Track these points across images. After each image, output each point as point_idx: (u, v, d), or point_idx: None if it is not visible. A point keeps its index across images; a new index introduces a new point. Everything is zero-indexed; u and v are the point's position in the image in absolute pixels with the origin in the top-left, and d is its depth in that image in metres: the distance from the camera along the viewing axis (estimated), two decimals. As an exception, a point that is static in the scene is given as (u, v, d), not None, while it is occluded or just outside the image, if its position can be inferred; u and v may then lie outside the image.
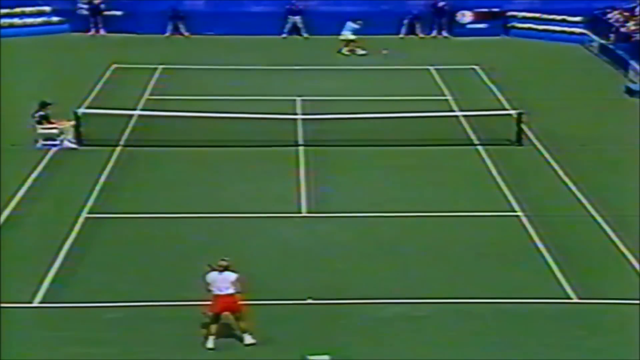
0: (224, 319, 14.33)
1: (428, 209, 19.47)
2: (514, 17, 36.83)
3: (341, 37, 33.11)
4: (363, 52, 32.87)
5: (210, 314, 14.19)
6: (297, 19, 36.17)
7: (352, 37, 33.00)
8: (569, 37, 35.10)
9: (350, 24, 33.12)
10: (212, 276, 14.20)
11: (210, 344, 14.17)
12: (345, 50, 32.99)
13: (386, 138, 23.33)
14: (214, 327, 14.20)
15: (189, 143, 23.00)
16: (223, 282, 14.08)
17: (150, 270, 16.60)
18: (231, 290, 14.09)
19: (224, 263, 14.22)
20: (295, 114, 25.42)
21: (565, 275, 16.58)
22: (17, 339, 14.40)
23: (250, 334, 14.28)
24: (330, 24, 33.80)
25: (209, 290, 14.19)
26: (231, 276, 14.16)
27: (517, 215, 19.19)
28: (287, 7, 36.29)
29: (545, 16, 36.21)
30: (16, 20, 35.64)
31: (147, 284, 16.11)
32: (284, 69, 30.76)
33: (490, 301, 15.69)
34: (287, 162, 22.10)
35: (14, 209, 19.20)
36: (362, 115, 24.26)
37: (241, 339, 14.31)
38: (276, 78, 29.57)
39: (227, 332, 14.42)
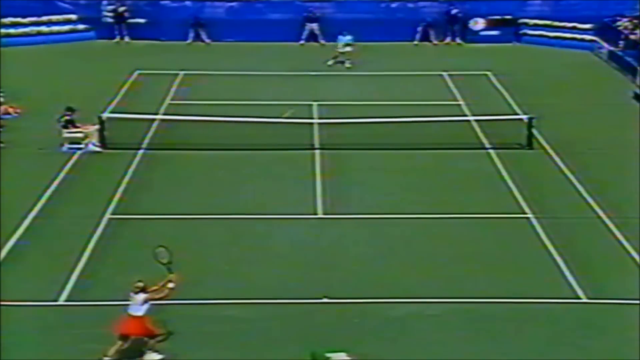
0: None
1: (441, 210, 19.43)
2: (526, 24, 36.72)
3: (343, 49, 32.04)
4: (350, 64, 31.84)
5: (119, 334, 13.72)
6: (315, 26, 36.19)
7: (348, 49, 32.09)
8: (579, 44, 34.95)
9: (343, 37, 32.13)
10: (131, 296, 13.79)
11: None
12: (331, 62, 32.02)
13: (400, 142, 23.30)
14: (113, 349, 13.62)
15: (209, 146, 23.05)
16: (135, 304, 13.72)
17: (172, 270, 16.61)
18: (140, 313, 13.69)
19: (140, 285, 13.82)
20: (312, 118, 25.43)
21: (574, 275, 16.50)
22: (41, 337, 14.47)
23: (156, 351, 13.74)
24: (346, 31, 33.73)
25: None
26: (140, 297, 13.69)
27: (527, 217, 19.12)
28: (305, 14, 36.34)
29: (556, 23, 36.08)
30: (43, 28, 35.85)
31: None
32: (301, 74, 30.78)
33: (500, 301, 15.64)
34: (303, 165, 22.11)
35: (41, 210, 19.30)
36: (376, 119, 24.24)
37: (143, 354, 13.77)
38: (293, 83, 29.59)
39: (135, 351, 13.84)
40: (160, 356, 13.88)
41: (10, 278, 16.22)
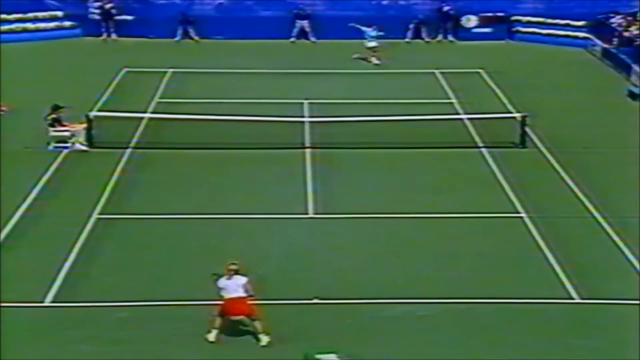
0: (237, 320, 14.41)
1: (433, 210, 19.47)
2: (519, 21, 36.84)
3: (368, 45, 32.03)
4: (377, 61, 32.00)
5: (220, 315, 14.26)
6: (305, 23, 36.22)
7: (374, 44, 32.11)
8: (573, 42, 35.09)
9: (369, 31, 32.17)
10: (222, 282, 14.29)
11: (212, 337, 14.22)
12: (374, 59, 31.92)
13: (392, 141, 23.35)
14: (219, 322, 14.27)
15: (199, 145, 23.04)
16: (233, 286, 14.18)
17: (160, 270, 16.64)
18: (242, 294, 14.19)
19: (233, 267, 14.29)
20: (303, 116, 25.45)
21: (568, 275, 16.56)
22: (28, 339, 14.45)
23: (267, 334, 14.29)
24: (337, 29, 33.87)
25: (221, 296, 14.26)
26: (241, 279, 14.25)
27: (521, 217, 19.18)
28: (295, 11, 36.37)
29: (549, 21, 36.22)
30: (29, 25, 35.77)
31: (158, 284, 16.15)
32: (291, 72, 30.80)
33: (493, 301, 15.69)
34: (294, 164, 22.13)
35: (27, 210, 19.26)
36: (368, 118, 24.29)
37: (258, 339, 14.31)
38: (284, 81, 29.61)
39: (241, 332, 14.47)
40: (269, 339, 14.17)
41: (-5, 279, 16.17)
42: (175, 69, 30.84)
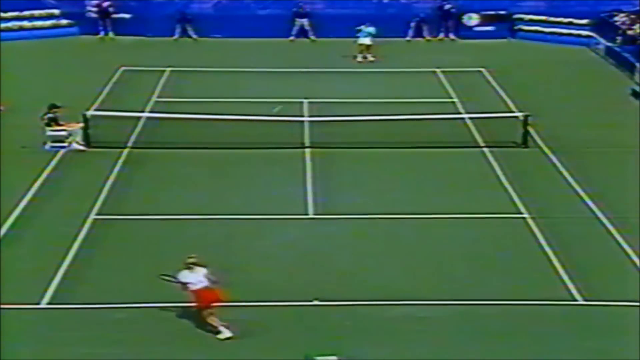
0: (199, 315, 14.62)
1: (434, 210, 19.48)
2: (521, 19, 36.82)
3: (359, 42, 32.26)
4: (372, 58, 32.29)
5: (199, 308, 14.56)
6: (305, 21, 36.22)
7: (369, 42, 32.29)
8: (576, 40, 35.07)
9: (366, 29, 32.29)
10: (187, 276, 14.55)
11: (226, 333, 14.39)
12: (360, 57, 32.24)
13: (393, 140, 23.35)
14: (214, 318, 14.43)
15: (197, 145, 23.05)
16: (199, 278, 14.51)
17: (158, 271, 16.56)
18: (208, 283, 14.50)
19: (192, 260, 14.64)
20: (302, 116, 25.46)
21: (571, 276, 16.57)
22: (24, 340, 14.45)
23: (227, 327, 14.45)
24: (337, 27, 33.85)
25: (187, 289, 14.52)
26: (202, 270, 14.58)
27: (523, 217, 19.19)
28: (294, 9, 36.35)
29: (551, 19, 36.20)
30: (25, 23, 35.77)
31: (156, 285, 16.04)
32: (291, 71, 30.80)
33: (495, 303, 15.69)
34: (294, 164, 22.13)
35: (23, 210, 19.25)
36: (368, 117, 24.28)
37: (217, 333, 14.45)
38: (283, 80, 29.61)
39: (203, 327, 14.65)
40: (230, 334, 14.43)
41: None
42: (173, 67, 30.84)
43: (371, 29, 32.32)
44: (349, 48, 32.62)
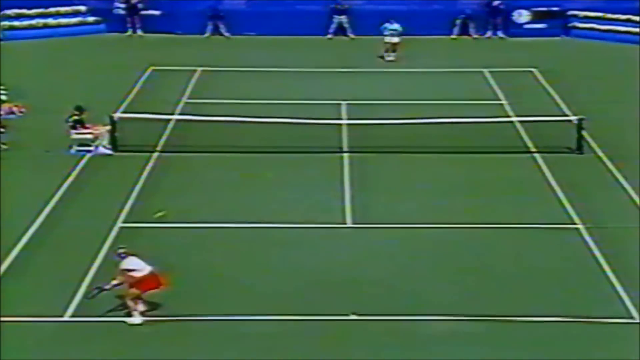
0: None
1: (480, 220, 19.37)
2: (575, 16, 36.61)
3: (385, 40, 32.27)
4: (394, 58, 31.98)
5: (137, 292, 15.37)
6: (343, 18, 36.30)
7: (396, 40, 32.21)
8: (634, 38, 34.71)
9: (390, 26, 32.17)
10: (129, 262, 15.40)
11: (137, 320, 15.25)
12: (392, 57, 32.06)
13: (436, 145, 23.28)
14: (137, 303, 15.33)
15: (229, 149, 23.15)
16: (140, 264, 15.43)
17: (185, 283, 16.68)
18: (151, 269, 15.40)
19: (124, 249, 15.65)
20: (340, 118, 25.47)
21: (629, 293, 16.36)
22: (47, 354, 14.57)
23: (142, 315, 15.37)
24: (377, 24, 33.73)
25: (131, 276, 15.23)
26: (136, 258, 15.50)
27: (577, 228, 19.02)
28: (333, 6, 36.43)
29: (608, 15, 35.93)
30: (50, 21, 36.26)
31: (183, 297, 16.19)
32: (328, 71, 30.85)
33: (545, 319, 15.54)
34: (331, 169, 22.15)
35: (46, 218, 19.44)
36: (410, 120, 24.22)
37: (129, 316, 15.34)
38: (320, 81, 29.67)
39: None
40: (142, 319, 15.37)
41: (12, 291, 16.34)
42: (204, 67, 31.04)
43: (396, 26, 32.24)
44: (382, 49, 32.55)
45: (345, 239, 18.77)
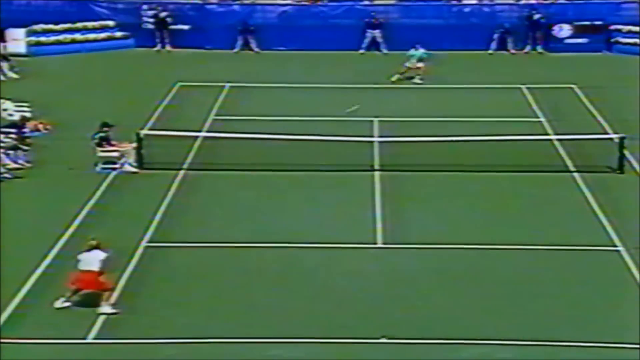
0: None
1: (517, 241, 19.31)
2: (618, 31, 36.41)
3: (408, 64, 31.72)
4: (420, 81, 31.64)
5: (72, 287, 16.40)
6: (377, 32, 36.36)
7: (420, 65, 31.79)
8: (680, 54, 34.50)
9: (416, 52, 31.75)
10: (82, 255, 16.47)
11: (58, 304, 16.28)
12: (395, 77, 31.64)
13: (471, 163, 23.26)
14: (69, 292, 16.38)
15: (258, 167, 23.28)
16: (90, 260, 16.33)
17: (212, 305, 16.81)
18: (95, 268, 16.25)
19: (93, 242, 16.57)
20: (372, 136, 25.53)
21: (671, 318, 16.23)
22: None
23: (112, 305, 16.24)
24: (412, 39, 33.77)
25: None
26: (100, 254, 16.40)
27: (618, 250, 18.91)
28: (366, 20, 36.52)
29: (653, 30, 35.67)
30: (78, 36, 36.64)
31: (210, 320, 16.30)
32: (360, 87, 30.93)
33: (583, 345, 15.45)
34: (362, 188, 22.20)
35: (70, 237, 19.61)
36: (445, 138, 24.23)
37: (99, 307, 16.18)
38: (352, 97, 29.72)
39: (88, 303, 16.43)
40: (113, 310, 16.18)
41: (34, 312, 16.52)
42: (234, 83, 31.25)
43: (421, 52, 31.85)
44: (429, 66, 32.47)
45: (375, 259, 18.80)
